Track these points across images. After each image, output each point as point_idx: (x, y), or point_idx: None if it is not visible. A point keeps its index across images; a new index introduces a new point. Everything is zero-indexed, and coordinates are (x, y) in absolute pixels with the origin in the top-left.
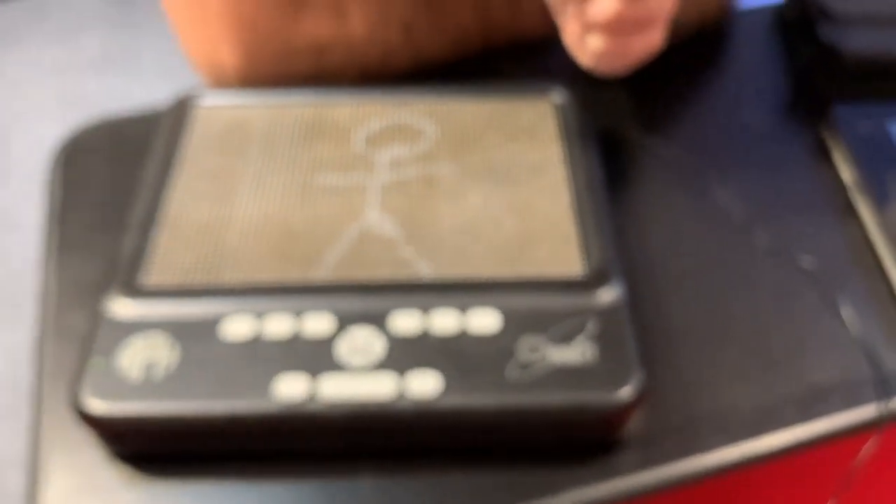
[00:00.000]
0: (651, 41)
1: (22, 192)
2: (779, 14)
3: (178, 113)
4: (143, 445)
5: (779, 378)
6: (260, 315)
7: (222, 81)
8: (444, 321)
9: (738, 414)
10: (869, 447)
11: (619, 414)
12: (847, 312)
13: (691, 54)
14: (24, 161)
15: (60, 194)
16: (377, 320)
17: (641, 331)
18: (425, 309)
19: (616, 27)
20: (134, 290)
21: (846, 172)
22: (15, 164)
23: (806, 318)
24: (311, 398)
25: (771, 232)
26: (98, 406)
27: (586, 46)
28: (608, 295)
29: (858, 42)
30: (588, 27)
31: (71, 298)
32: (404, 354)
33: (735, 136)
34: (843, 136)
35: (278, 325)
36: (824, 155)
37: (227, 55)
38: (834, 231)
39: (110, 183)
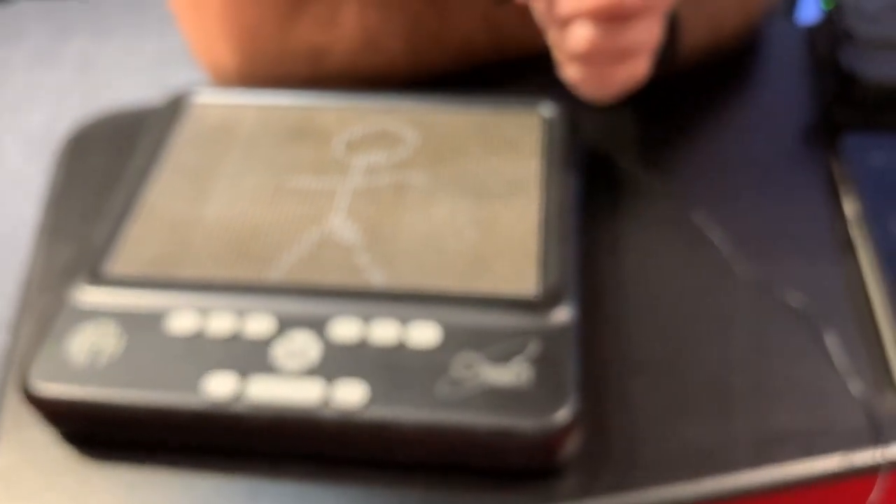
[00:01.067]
0: (633, 72)
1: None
2: (809, 36)
3: (171, 109)
4: (83, 428)
5: (736, 418)
6: (205, 312)
7: (224, 80)
8: (384, 332)
9: (685, 452)
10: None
11: (552, 439)
12: (832, 355)
13: (709, 78)
14: (22, 159)
15: (60, 184)
16: (317, 326)
17: (591, 356)
18: (367, 318)
19: (593, 58)
20: (95, 278)
21: (849, 205)
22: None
23: (778, 357)
24: (237, 398)
25: (760, 265)
26: (42, 388)
27: (566, 74)
28: (557, 317)
29: (879, 69)
30: (566, 56)
31: (50, 283)
32: (337, 362)
33: (738, 164)
34: (851, 166)
35: (220, 322)
36: (831, 186)
37: (226, 56)
38: (827, 267)
39: (108, 173)
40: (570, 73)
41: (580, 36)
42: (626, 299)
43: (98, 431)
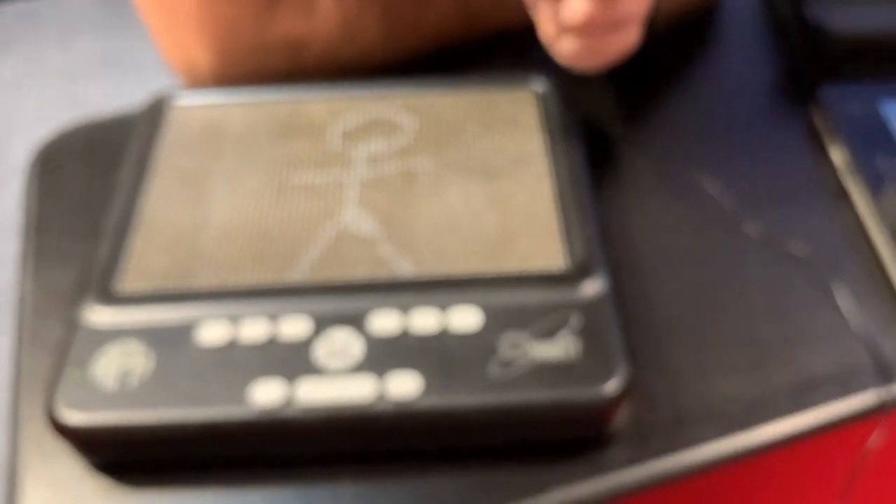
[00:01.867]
0: (626, 41)
1: (19, 197)
2: None
3: (153, 114)
4: (119, 455)
5: (771, 368)
6: (235, 319)
7: (198, 82)
8: (424, 320)
9: (729, 406)
10: (874, 439)
11: (605, 409)
12: (842, 299)
13: (677, 42)
14: (22, 166)
15: (37, 201)
16: (355, 321)
17: (627, 324)
18: (404, 308)
19: (589, 29)
20: (108, 297)
21: (837, 155)
22: (12, 168)
23: (798, 306)
24: (289, 403)
25: (761, 219)
26: (73, 416)
27: (560, 47)
28: (592, 288)
29: (845, 21)
30: (561, 28)
31: (47, 307)
32: (383, 355)
33: (722, 124)
34: (832, 117)
35: (254, 329)
36: (814, 138)
37: (201, 55)
38: (826, 216)
39: (88, 188)
40: (565, 46)
41: (576, 9)
42: (644, 266)
43: (134, 457)
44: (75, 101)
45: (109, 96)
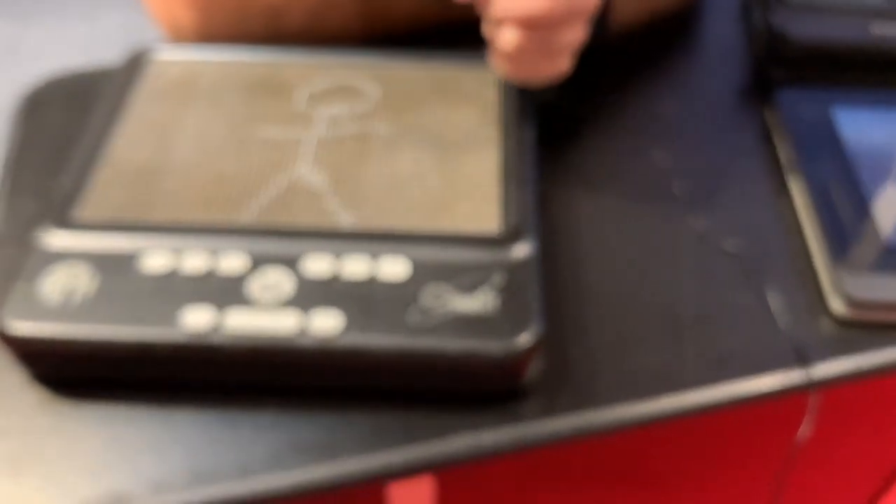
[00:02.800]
0: (556, 68)
1: None
2: (743, 1)
3: (132, 65)
4: (58, 367)
5: (686, 343)
6: (178, 252)
7: (182, 40)
8: (355, 267)
9: (641, 373)
10: (804, 429)
11: (515, 362)
12: (769, 289)
13: (649, 41)
14: None
15: (18, 143)
16: (290, 262)
17: (551, 288)
18: (338, 254)
19: (518, 58)
20: (64, 222)
21: (783, 154)
22: None
23: (725, 293)
24: (216, 329)
25: (702, 207)
26: (15, 326)
27: (494, 63)
28: (519, 251)
29: (806, 28)
30: (495, 50)
31: (14, 235)
32: (312, 294)
33: (679, 117)
34: (784, 118)
35: (194, 261)
36: (767, 138)
37: (185, 16)
38: (765, 210)
39: (66, 133)
40: (497, 65)
41: (508, 39)
42: (580, 239)
43: (72, 370)
44: (10, 81)
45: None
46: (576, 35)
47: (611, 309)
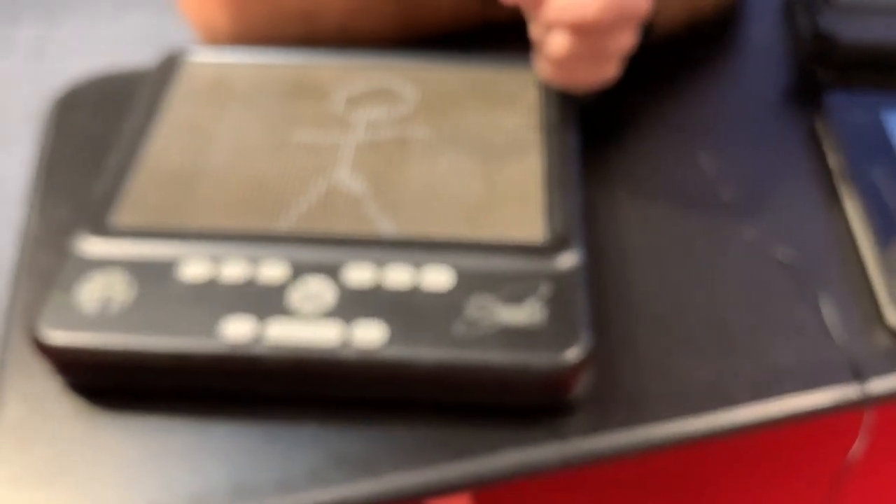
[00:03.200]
0: (603, 75)
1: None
2: (787, 3)
3: (166, 68)
4: (94, 376)
5: (737, 356)
6: (217, 259)
7: (216, 42)
8: (398, 276)
9: (691, 388)
10: (858, 444)
11: (564, 376)
12: (822, 300)
13: (692, 45)
14: None
15: (50, 145)
16: (331, 271)
17: (598, 299)
18: (380, 263)
19: (567, 62)
20: (100, 228)
21: (834, 161)
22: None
23: (777, 304)
24: (257, 340)
25: (750, 214)
26: (52, 335)
27: (539, 68)
28: (566, 261)
29: (856, 31)
30: (542, 54)
31: (48, 240)
32: (354, 305)
33: (727, 121)
34: (834, 123)
35: (234, 269)
36: (815, 143)
37: (219, 18)
38: (817, 219)
39: (100, 135)
40: (543, 70)
41: (558, 44)
42: (626, 246)
43: (108, 380)
44: (39, 79)
45: (78, 76)
46: (626, 41)
47: (660, 320)
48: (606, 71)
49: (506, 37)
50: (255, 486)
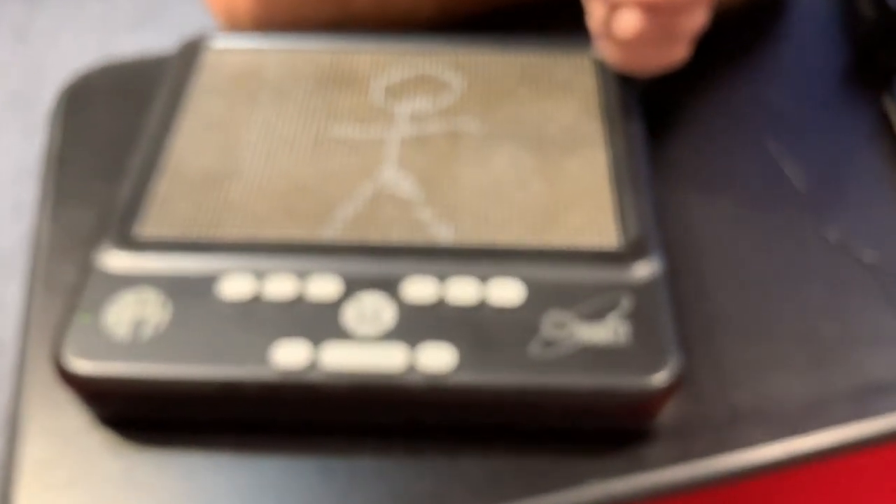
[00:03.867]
0: (675, 55)
1: None
2: None
3: (187, 56)
4: (127, 409)
5: (831, 371)
6: (260, 274)
7: (237, 26)
8: (462, 290)
9: (783, 407)
10: None
11: (653, 401)
12: None
13: (746, 27)
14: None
15: (60, 140)
16: (388, 286)
17: (679, 311)
18: (441, 276)
19: (637, 42)
20: (127, 241)
21: None
22: (44, 117)
23: (864, 310)
24: (313, 367)
25: (828, 209)
26: (80, 365)
27: (606, 50)
28: (645, 269)
29: None
30: (610, 35)
31: (64, 249)
32: (416, 324)
33: (788, 105)
34: None
35: (280, 285)
36: (884, 128)
37: (241, 1)
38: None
39: (113, 129)
40: (608, 51)
41: (628, 22)
42: (698, 247)
43: (143, 413)
44: (109, 54)
45: (144, 51)
46: (698, 20)
47: (744, 331)
48: (676, 52)
49: (554, 15)
50: None
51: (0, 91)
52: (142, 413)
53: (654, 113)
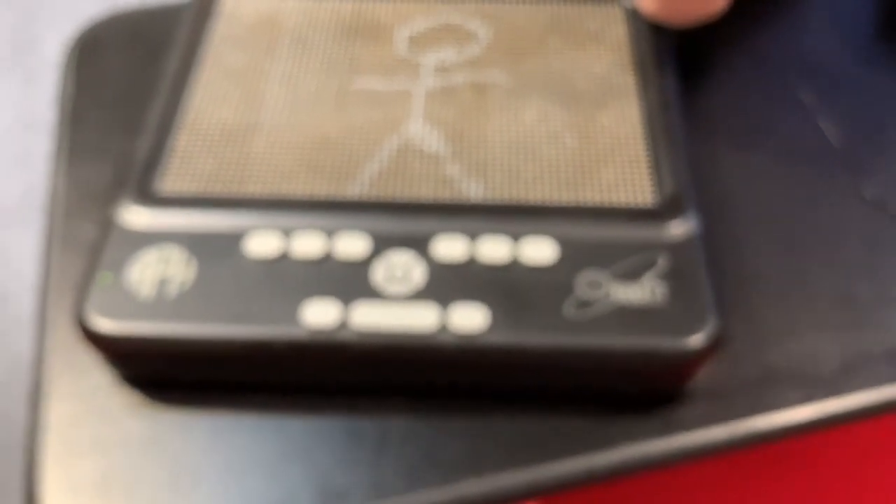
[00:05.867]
0: (711, 4)
1: (52, 95)
2: None
3: (203, 4)
4: (152, 370)
5: (867, 331)
6: (287, 231)
7: None
8: (494, 249)
9: (820, 367)
10: None
11: (690, 363)
12: None
13: None
14: (54, 61)
15: (73, 94)
16: (418, 244)
17: (716, 272)
18: (472, 234)
19: None
20: (148, 197)
21: None
22: (44, 64)
23: None
24: (343, 326)
25: (866, 165)
26: (104, 324)
27: (638, 1)
28: (682, 228)
29: None
30: None
31: (82, 205)
32: (447, 283)
33: (824, 55)
34: None
35: (308, 243)
36: None
37: None
38: None
39: (127, 81)
40: (645, 2)
41: None
42: (732, 204)
43: (169, 373)
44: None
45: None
46: None
47: (779, 291)
48: (715, 1)
49: None
50: (341, 490)
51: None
52: (167, 373)
53: (687, 64)
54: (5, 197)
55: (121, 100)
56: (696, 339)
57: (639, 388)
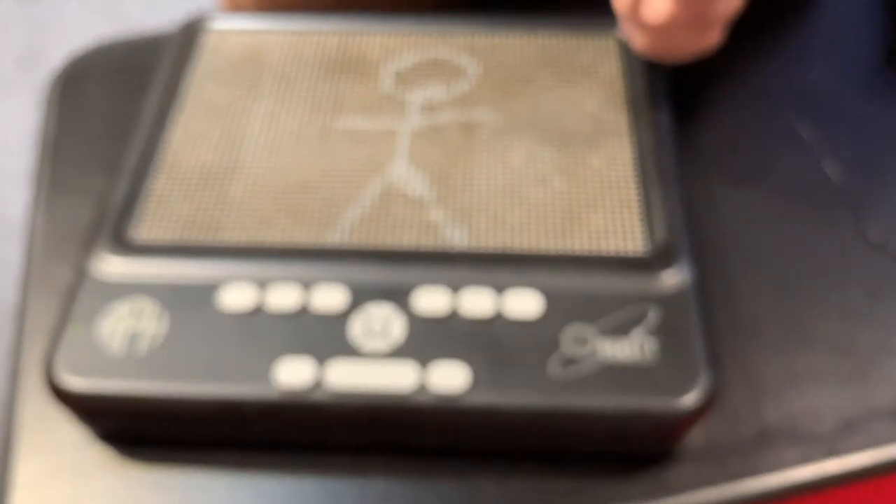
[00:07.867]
0: (707, 42)
1: None
2: None
3: (185, 38)
4: (123, 427)
5: (870, 384)
6: (263, 283)
7: (238, 6)
8: (477, 302)
9: (818, 424)
10: None
11: (681, 424)
12: None
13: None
14: None
15: (54, 128)
16: (398, 297)
17: (710, 323)
18: (455, 286)
19: (667, 29)
20: (122, 245)
21: None
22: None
23: None
24: (318, 386)
25: (869, 206)
26: (73, 382)
27: (633, 37)
28: (674, 278)
29: None
30: (638, 20)
31: (60, 246)
32: (427, 339)
33: (824, 87)
34: None
35: (284, 296)
36: None
37: None
38: None
39: (110, 116)
40: (637, 39)
41: (659, 9)
42: (728, 247)
43: (141, 430)
44: (114, 15)
45: (150, 10)
46: (734, 3)
47: (774, 342)
48: (709, 38)
49: None
50: None
51: (8, 49)
52: (138, 431)
53: (683, 98)
54: (11, 211)
55: (103, 134)
56: (688, 399)
57: (627, 448)
